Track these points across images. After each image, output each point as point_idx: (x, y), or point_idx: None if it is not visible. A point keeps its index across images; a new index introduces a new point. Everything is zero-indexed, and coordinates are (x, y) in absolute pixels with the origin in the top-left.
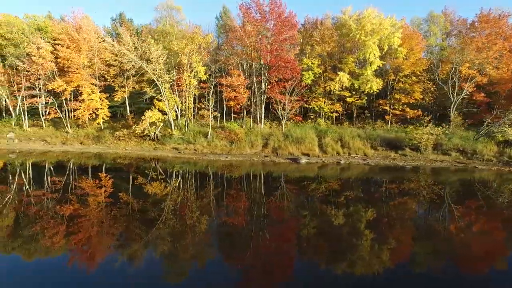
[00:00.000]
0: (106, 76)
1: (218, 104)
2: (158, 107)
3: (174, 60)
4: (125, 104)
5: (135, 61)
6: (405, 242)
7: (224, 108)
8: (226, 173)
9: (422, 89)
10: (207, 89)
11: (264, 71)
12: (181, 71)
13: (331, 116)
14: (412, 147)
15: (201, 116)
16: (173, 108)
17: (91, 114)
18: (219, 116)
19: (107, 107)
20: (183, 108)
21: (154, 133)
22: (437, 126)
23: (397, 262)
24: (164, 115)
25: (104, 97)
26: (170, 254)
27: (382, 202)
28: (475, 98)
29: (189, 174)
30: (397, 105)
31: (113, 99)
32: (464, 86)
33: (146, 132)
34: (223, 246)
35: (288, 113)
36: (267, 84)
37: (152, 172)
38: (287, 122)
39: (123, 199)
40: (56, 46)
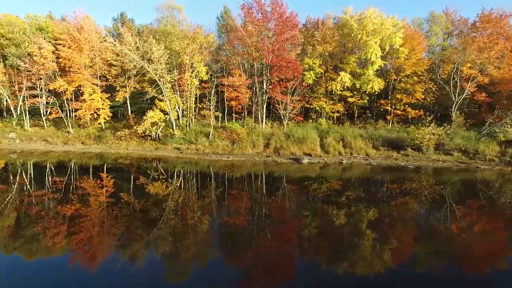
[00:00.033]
0: (108, 76)
1: (219, 104)
2: (159, 107)
3: (176, 60)
4: (127, 104)
5: (137, 61)
6: (407, 242)
7: (225, 108)
8: (228, 173)
9: (423, 89)
10: (208, 89)
11: (265, 71)
12: (183, 71)
13: (333, 116)
14: (414, 147)
15: (202, 116)
16: (174, 108)
17: (92, 114)
18: (220, 116)
19: (109, 107)
20: (184, 108)
21: (156, 133)
22: (439, 126)
23: (398, 262)
24: (165, 115)
25: (106, 97)
26: (172, 254)
27: (383, 202)
28: (477, 98)
29: (191, 174)
30: (399, 105)
31: (115, 99)
32: (465, 86)
33: (147, 132)
34: (224, 246)
35: (289, 113)
36: (268, 84)
37: (153, 172)
38: (288, 122)
39: (125, 199)
40: (57, 46)
